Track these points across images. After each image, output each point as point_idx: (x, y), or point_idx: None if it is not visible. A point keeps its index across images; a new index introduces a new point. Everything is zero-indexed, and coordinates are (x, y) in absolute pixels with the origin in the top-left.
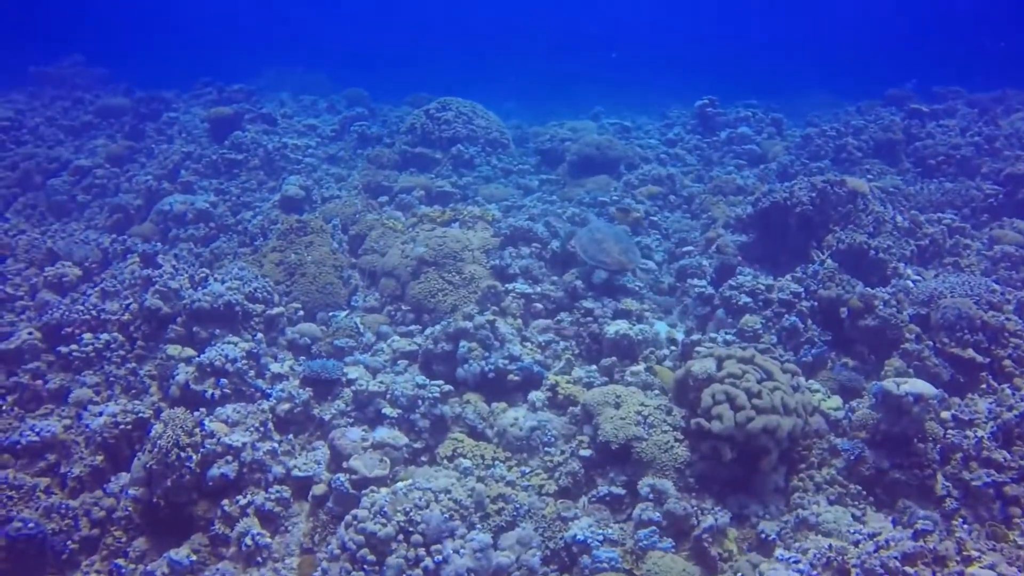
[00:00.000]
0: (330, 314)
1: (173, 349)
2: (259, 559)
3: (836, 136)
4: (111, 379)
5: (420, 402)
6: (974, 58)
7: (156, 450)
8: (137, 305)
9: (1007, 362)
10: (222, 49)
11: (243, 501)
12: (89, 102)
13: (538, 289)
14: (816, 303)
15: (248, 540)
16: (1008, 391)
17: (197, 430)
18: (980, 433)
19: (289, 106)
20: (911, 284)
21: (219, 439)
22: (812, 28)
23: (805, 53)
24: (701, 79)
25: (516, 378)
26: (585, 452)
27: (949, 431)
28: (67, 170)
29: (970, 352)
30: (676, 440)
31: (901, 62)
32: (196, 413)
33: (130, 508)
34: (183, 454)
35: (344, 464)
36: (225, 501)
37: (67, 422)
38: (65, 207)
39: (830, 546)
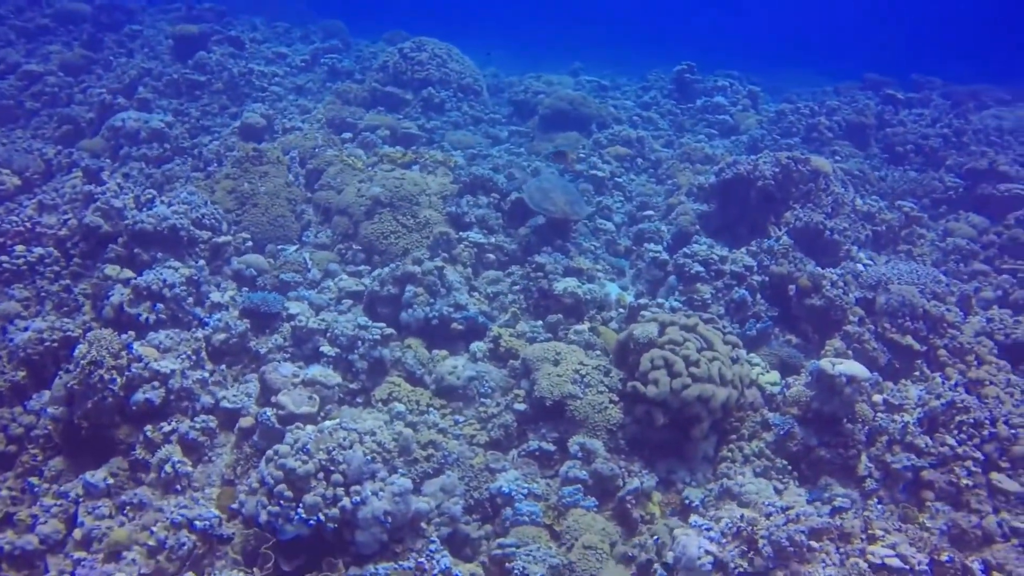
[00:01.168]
0: (279, 247)
1: (111, 269)
2: (178, 487)
3: (809, 115)
4: (42, 294)
5: (360, 343)
6: (961, 48)
7: (79, 370)
8: (76, 221)
9: (942, 352)
10: None
11: (167, 428)
12: (47, 4)
13: (492, 240)
14: (767, 278)
15: (168, 467)
16: (939, 380)
17: (124, 353)
18: (907, 418)
19: (261, 31)
20: (862, 268)
21: (147, 364)
22: (809, 6)
23: (802, 30)
24: (690, 46)
25: (460, 327)
26: (520, 406)
27: (879, 414)
28: (15, 74)
29: (909, 339)
30: (611, 401)
31: (894, 47)
32: (124, 336)
33: (49, 427)
34: (107, 376)
35: (272, 399)
36: (148, 427)
37: None
38: (11, 112)
39: (742, 516)
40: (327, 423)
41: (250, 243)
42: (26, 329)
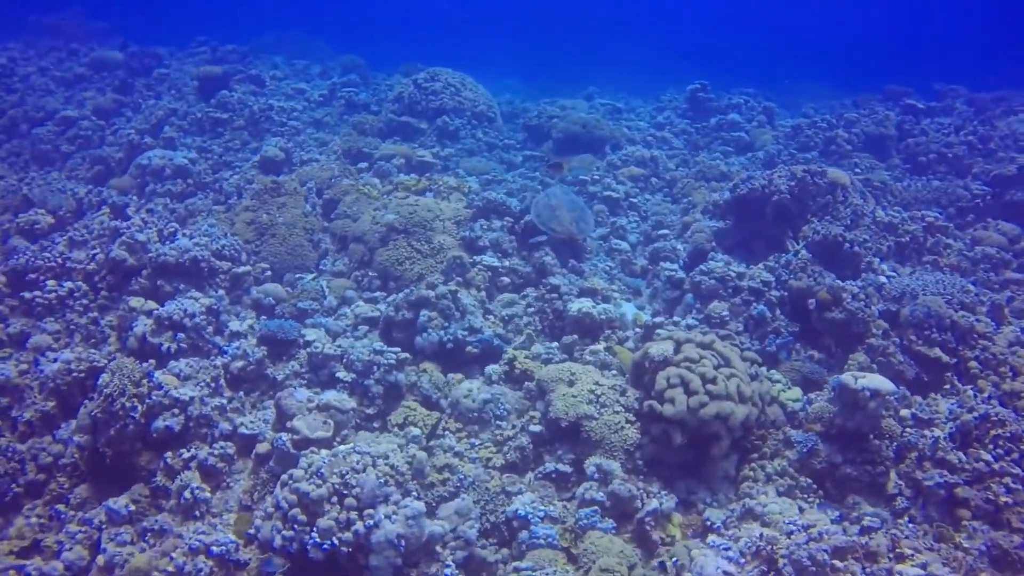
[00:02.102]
0: (297, 276)
1: (136, 301)
2: (197, 513)
3: (827, 128)
4: (71, 327)
5: (375, 368)
6: (985, 56)
7: (102, 398)
8: (103, 255)
9: (973, 363)
10: (226, 10)
11: (186, 455)
12: (84, 54)
13: (506, 263)
14: (786, 293)
15: (187, 493)
16: (971, 392)
17: (145, 381)
18: (937, 433)
19: (282, 69)
20: (884, 280)
21: (167, 391)
22: (826, 21)
23: (816, 45)
24: (706, 66)
25: (474, 350)
26: (535, 428)
27: (907, 429)
28: (52, 120)
29: (936, 351)
30: (628, 421)
31: (915, 59)
32: (144, 364)
33: (75, 455)
34: (128, 404)
35: (288, 424)
36: (168, 453)
37: (23, 367)
38: (48, 156)
39: (761, 535)
40: (341, 447)
41: (269, 272)
42: (55, 360)
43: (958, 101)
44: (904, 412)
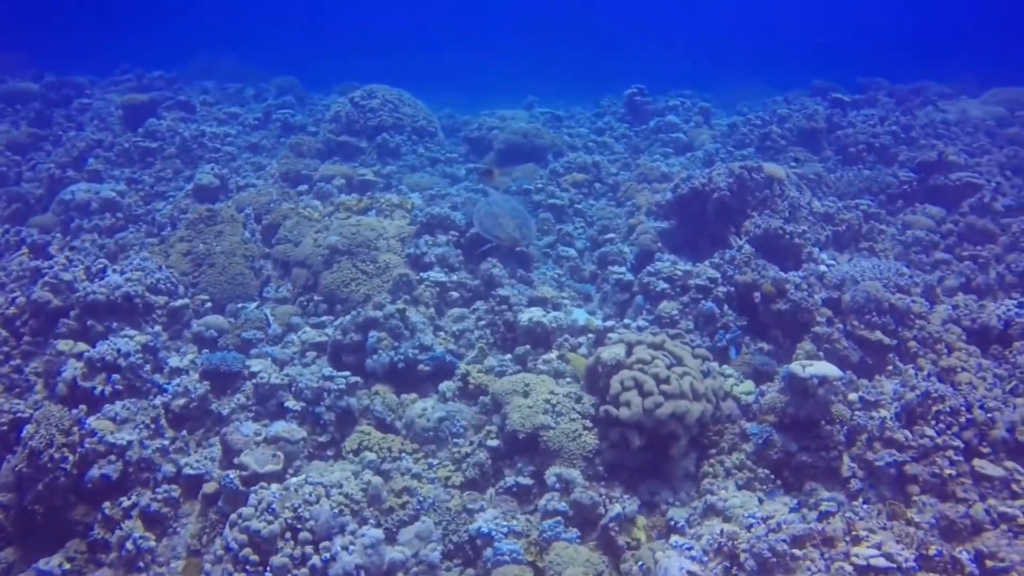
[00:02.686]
0: (239, 306)
1: (64, 344)
2: (141, 564)
3: (761, 124)
4: None
5: (325, 394)
6: (899, 48)
7: (26, 452)
8: (24, 298)
9: (912, 343)
10: (152, 37)
11: (126, 503)
12: None
13: (454, 277)
14: (733, 288)
15: (130, 544)
16: (912, 371)
17: (75, 428)
18: (884, 414)
19: (213, 94)
20: (825, 268)
21: (101, 438)
22: (758, 21)
23: (748, 46)
24: (642, 70)
25: (427, 368)
26: (493, 442)
27: (856, 412)
28: None
29: (878, 334)
30: (585, 428)
31: (836, 54)
32: (75, 411)
33: None
34: (57, 455)
35: (235, 460)
36: (106, 503)
37: None
38: None
39: (722, 531)
40: (293, 479)
41: (209, 304)
42: None
43: (880, 93)
44: (852, 396)
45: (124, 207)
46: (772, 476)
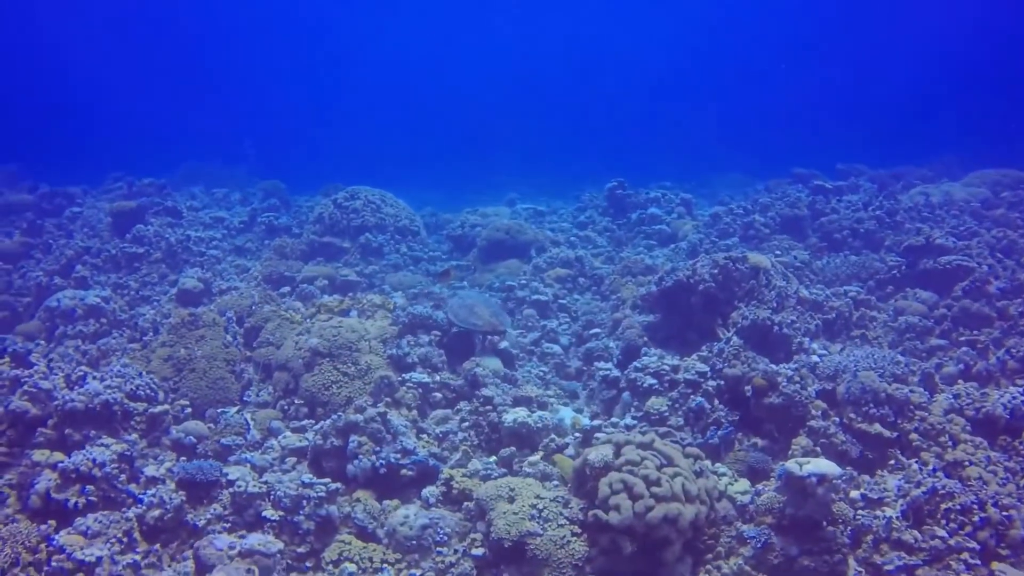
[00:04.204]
0: (220, 411)
1: (40, 454)
2: None
3: (743, 214)
4: None
5: (305, 502)
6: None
7: None
8: (2, 408)
9: (913, 435)
10: (142, 146)
11: None
12: None
13: (437, 378)
14: (723, 382)
15: None
16: (916, 466)
17: (43, 545)
18: (890, 513)
19: (200, 199)
20: (817, 359)
21: (69, 555)
22: (733, 111)
23: (725, 136)
24: (622, 163)
25: (410, 473)
26: (478, 551)
27: (859, 512)
28: None
29: (877, 427)
30: (573, 534)
31: (812, 142)
32: (43, 527)
33: None
34: (22, 574)
35: None
36: None
37: None
38: None
39: None
40: None
41: (189, 409)
42: None
43: (862, 179)
44: (854, 493)
45: (108, 312)
46: None
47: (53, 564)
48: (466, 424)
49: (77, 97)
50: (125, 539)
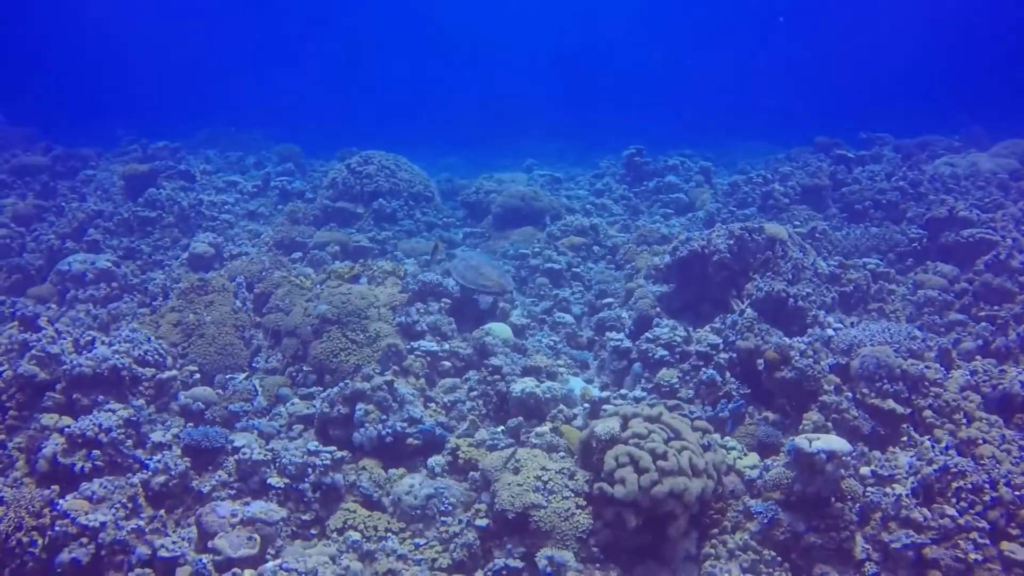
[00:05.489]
0: (228, 377)
1: (48, 418)
2: None
3: (763, 183)
4: None
5: (310, 470)
6: (903, 102)
7: None
8: (11, 372)
9: (927, 412)
10: (160, 111)
11: None
12: (5, 161)
13: (446, 346)
14: (735, 355)
15: None
16: (928, 444)
17: (47, 510)
18: (899, 490)
19: (215, 163)
20: (832, 332)
21: (73, 519)
22: (759, 78)
23: (749, 104)
24: (644, 130)
25: (416, 442)
26: (482, 522)
27: (868, 488)
28: None
29: (890, 403)
30: (578, 507)
31: (837, 110)
32: (47, 491)
33: None
34: (25, 539)
35: (209, 544)
36: None
37: None
38: None
39: None
40: (268, 565)
41: (198, 375)
42: None
43: (886, 148)
44: (864, 470)
45: (119, 276)
46: (779, 558)
47: (57, 528)
48: (474, 393)
49: (101, 63)
50: (130, 504)
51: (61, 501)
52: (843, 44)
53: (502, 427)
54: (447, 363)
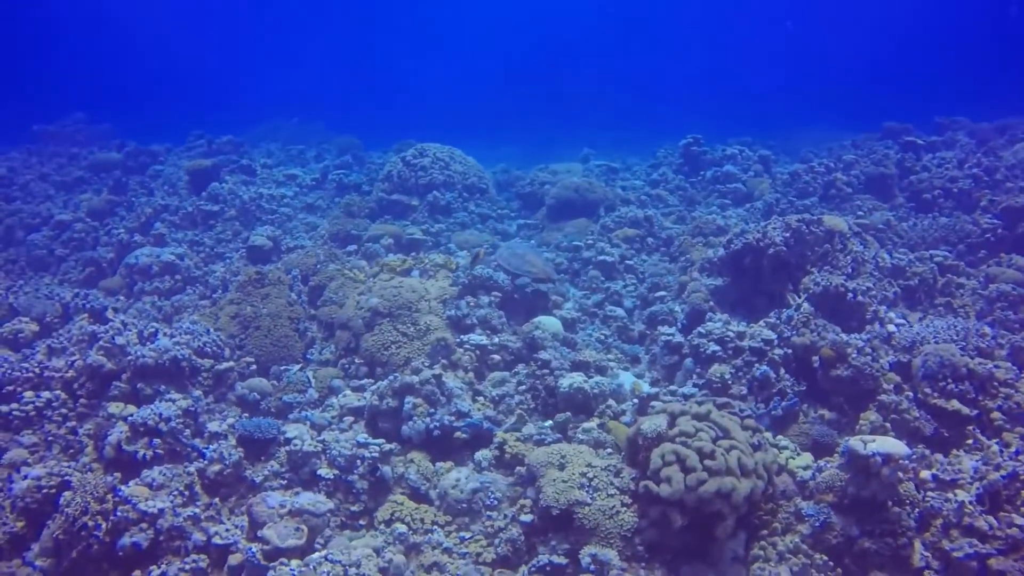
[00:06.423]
0: (283, 368)
1: (115, 407)
2: None
3: (825, 172)
4: (49, 439)
5: (359, 462)
6: (985, 84)
7: (63, 518)
8: (82, 362)
9: (996, 414)
10: (226, 105)
11: (156, 572)
12: (83, 157)
13: (496, 340)
14: (790, 351)
15: None
16: (996, 448)
17: (110, 496)
18: (963, 496)
19: (276, 156)
20: (893, 329)
21: (134, 505)
22: (823, 63)
23: (814, 89)
24: (704, 118)
25: (464, 435)
26: (526, 517)
27: (928, 493)
28: (48, 225)
29: (955, 404)
30: (623, 505)
31: (911, 93)
32: (111, 478)
33: None
34: (91, 522)
35: (258, 533)
36: (136, 573)
37: None
38: (43, 261)
39: None
40: (314, 556)
41: (254, 367)
42: (25, 477)
43: (960, 133)
44: (924, 474)
45: (183, 269)
46: (831, 563)
47: (119, 513)
48: (523, 387)
49: (174, 61)
50: (187, 492)
51: (123, 487)
52: (925, 21)
53: (550, 422)
54: (496, 356)
